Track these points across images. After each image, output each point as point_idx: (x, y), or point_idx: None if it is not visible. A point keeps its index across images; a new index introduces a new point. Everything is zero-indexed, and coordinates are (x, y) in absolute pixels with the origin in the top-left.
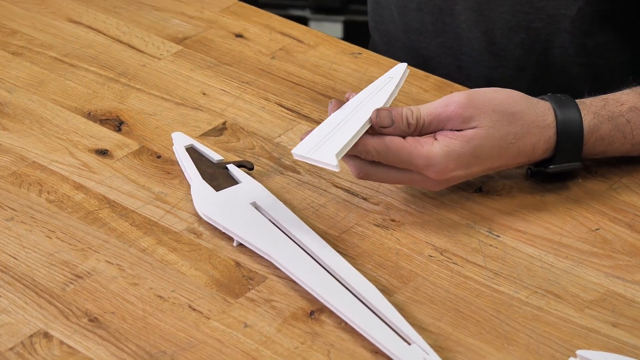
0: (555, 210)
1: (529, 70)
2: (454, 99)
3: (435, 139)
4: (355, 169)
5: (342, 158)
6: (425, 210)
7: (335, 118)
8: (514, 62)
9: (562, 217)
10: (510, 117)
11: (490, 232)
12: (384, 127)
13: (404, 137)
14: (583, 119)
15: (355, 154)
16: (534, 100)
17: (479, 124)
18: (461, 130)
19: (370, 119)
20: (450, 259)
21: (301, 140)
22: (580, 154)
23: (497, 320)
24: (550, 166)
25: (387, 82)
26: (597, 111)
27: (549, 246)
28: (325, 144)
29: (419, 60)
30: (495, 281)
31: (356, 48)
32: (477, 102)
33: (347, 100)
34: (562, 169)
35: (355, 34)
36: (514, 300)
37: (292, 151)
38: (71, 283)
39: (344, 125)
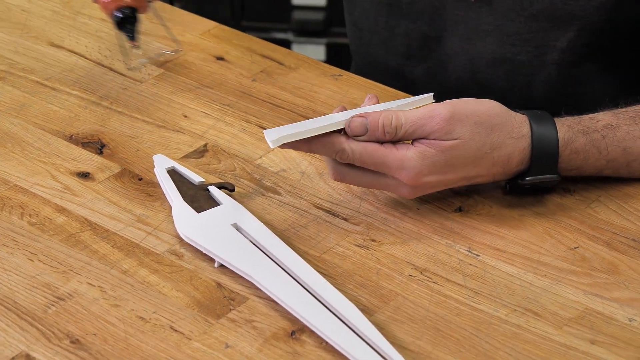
0: (534, 229)
1: (512, 100)
2: (437, 111)
3: (412, 144)
4: (332, 169)
5: (324, 158)
6: (405, 230)
7: (327, 116)
8: (498, 92)
9: (541, 235)
10: (489, 129)
11: (469, 251)
12: (357, 136)
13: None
14: (558, 131)
15: (331, 155)
16: (512, 112)
17: (460, 136)
18: (440, 140)
19: (346, 123)
20: (430, 278)
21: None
22: (556, 166)
23: (476, 338)
24: (527, 178)
25: (400, 102)
26: (572, 125)
27: (528, 265)
28: (287, 128)
29: (403, 83)
30: (475, 300)
31: (336, 70)
32: (461, 115)
33: (367, 101)
34: (538, 180)
35: (339, 56)
36: (493, 319)
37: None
38: (53, 305)
39: (320, 120)
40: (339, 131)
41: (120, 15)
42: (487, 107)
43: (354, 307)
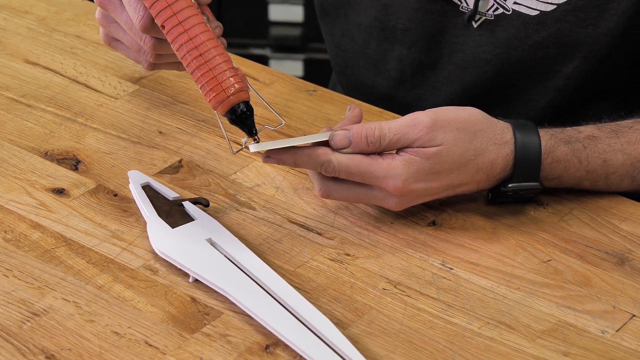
0: (507, 242)
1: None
2: (420, 119)
3: (397, 154)
4: (318, 185)
5: (310, 175)
6: (379, 244)
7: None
8: (495, 116)
9: (514, 249)
10: (471, 134)
11: (443, 264)
12: (341, 149)
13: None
14: (541, 139)
15: (317, 167)
16: (494, 119)
17: (443, 142)
18: (424, 147)
19: (329, 137)
20: (404, 291)
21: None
22: (539, 174)
23: (450, 351)
24: (509, 185)
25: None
26: (555, 134)
27: (501, 278)
28: (272, 142)
29: (393, 107)
30: (448, 313)
31: (311, 85)
32: (443, 122)
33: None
34: (520, 187)
35: (316, 72)
36: (466, 332)
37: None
38: (28, 321)
39: (304, 137)
40: (324, 145)
41: (233, 116)
42: (468, 114)
43: (328, 321)
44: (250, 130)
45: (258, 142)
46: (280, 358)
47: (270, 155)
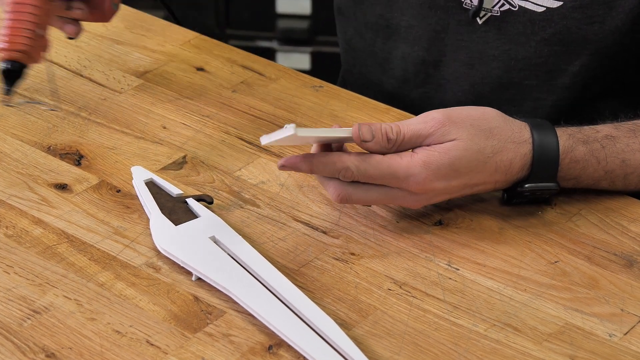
0: (514, 243)
1: None
2: (431, 115)
3: (415, 152)
4: (335, 190)
5: (321, 183)
6: (385, 243)
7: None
8: None
9: (521, 249)
10: (487, 132)
11: (449, 265)
12: (365, 141)
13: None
14: (559, 138)
15: (334, 174)
16: (510, 118)
17: (458, 136)
18: (440, 143)
19: (350, 132)
20: (409, 292)
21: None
22: (556, 174)
23: (455, 353)
24: (526, 185)
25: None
26: (573, 134)
27: (507, 279)
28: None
29: (399, 105)
30: (454, 314)
31: (317, 81)
32: (455, 118)
33: None
34: (537, 188)
35: (324, 65)
36: (472, 334)
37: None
38: (28, 318)
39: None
40: (339, 147)
41: (8, 66)
42: (482, 112)
43: (332, 322)
44: (9, 90)
45: (8, 103)
46: (283, 359)
47: (285, 164)
